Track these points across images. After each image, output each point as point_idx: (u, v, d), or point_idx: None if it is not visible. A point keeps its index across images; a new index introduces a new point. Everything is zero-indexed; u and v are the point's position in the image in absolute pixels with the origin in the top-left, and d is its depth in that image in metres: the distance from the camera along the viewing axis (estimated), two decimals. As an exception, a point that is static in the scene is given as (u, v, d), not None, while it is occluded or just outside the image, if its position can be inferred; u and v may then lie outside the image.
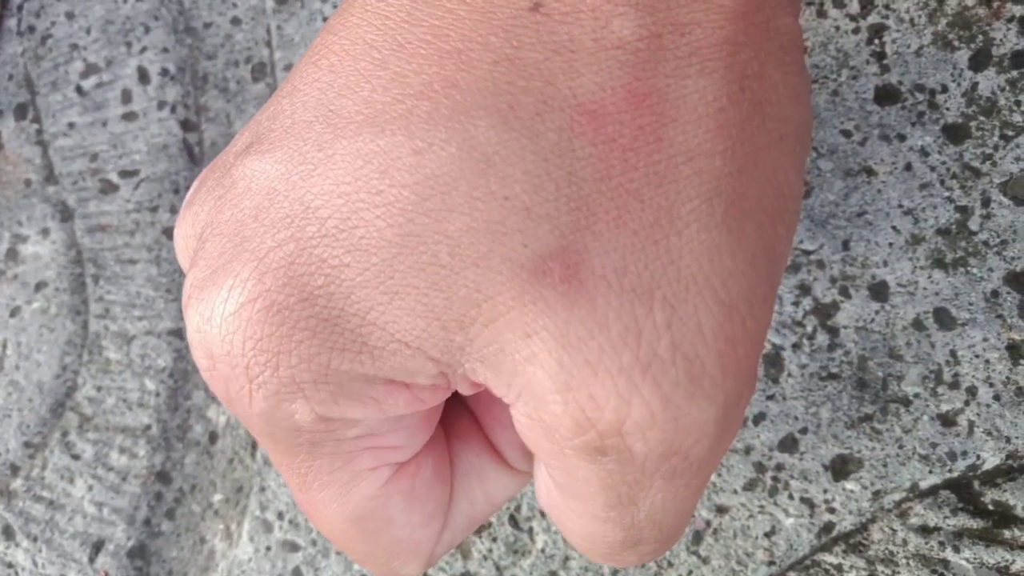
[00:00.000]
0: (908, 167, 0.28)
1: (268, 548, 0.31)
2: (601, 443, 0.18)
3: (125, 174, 0.36)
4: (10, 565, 0.34)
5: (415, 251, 0.17)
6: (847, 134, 0.28)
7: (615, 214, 0.17)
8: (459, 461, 0.24)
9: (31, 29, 0.39)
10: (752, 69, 0.18)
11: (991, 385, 0.26)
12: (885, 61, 0.28)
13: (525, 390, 0.18)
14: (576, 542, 0.22)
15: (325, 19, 0.35)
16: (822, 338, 0.28)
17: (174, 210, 0.35)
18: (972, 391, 0.27)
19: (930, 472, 0.26)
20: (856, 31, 0.29)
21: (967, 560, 0.26)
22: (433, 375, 0.19)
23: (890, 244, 0.28)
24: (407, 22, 0.18)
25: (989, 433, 0.26)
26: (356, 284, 0.18)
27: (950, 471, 0.26)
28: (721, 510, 0.28)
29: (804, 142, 0.20)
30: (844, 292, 0.28)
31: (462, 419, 0.24)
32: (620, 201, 0.17)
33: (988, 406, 0.26)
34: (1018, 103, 0.27)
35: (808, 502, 0.27)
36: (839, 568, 0.26)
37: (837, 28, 0.29)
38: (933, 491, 0.26)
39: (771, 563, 0.27)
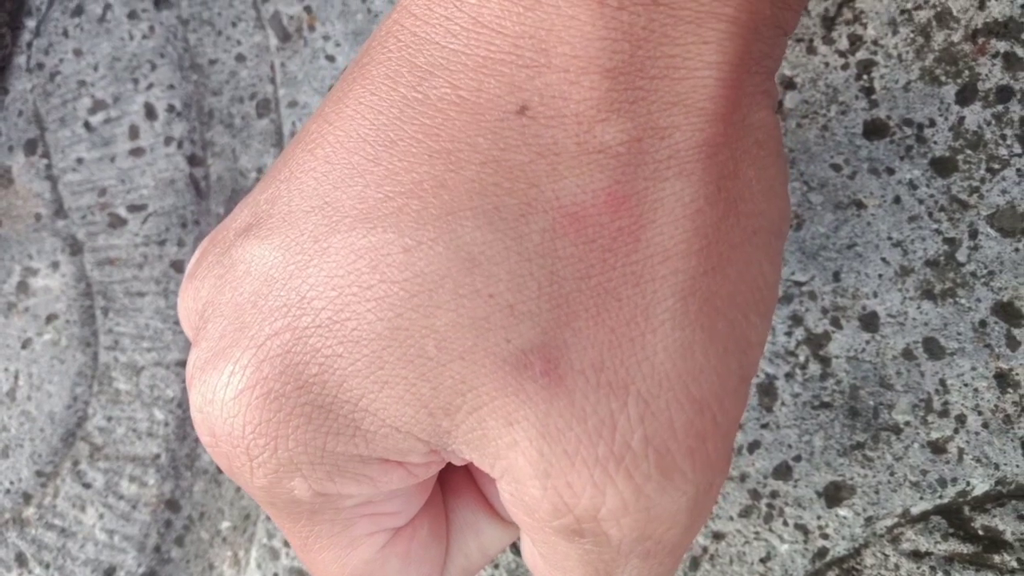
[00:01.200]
0: (897, 200, 0.28)
1: (275, 575, 0.32)
2: (578, 527, 0.19)
3: (133, 208, 0.37)
4: (23, 593, 0.34)
5: (404, 344, 0.18)
6: (837, 168, 0.29)
7: (594, 312, 0.18)
8: (455, 517, 0.25)
9: (40, 66, 0.40)
10: (728, 169, 0.19)
11: (980, 413, 0.27)
12: (874, 96, 0.29)
13: (507, 472, 0.19)
14: None
15: (328, 57, 0.36)
16: (814, 368, 0.28)
17: (182, 244, 0.36)
18: (961, 419, 0.27)
19: (921, 498, 0.27)
20: (845, 67, 0.30)
21: (958, 585, 0.26)
22: (424, 453, 0.20)
23: (880, 275, 0.28)
24: (399, 119, 0.19)
25: (978, 460, 0.27)
26: (348, 373, 0.18)
27: (940, 497, 0.27)
28: (717, 536, 0.28)
29: (780, 233, 0.21)
30: (835, 323, 0.28)
31: (456, 475, 0.25)
32: (599, 300, 0.18)
33: (977, 434, 0.27)
34: (1003, 137, 0.28)
35: (802, 528, 0.28)
36: (833, 593, 0.27)
37: (826, 64, 0.30)
38: (924, 517, 0.27)
39: (767, 588, 0.28)
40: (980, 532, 0.26)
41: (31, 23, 0.40)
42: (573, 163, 0.18)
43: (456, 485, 0.25)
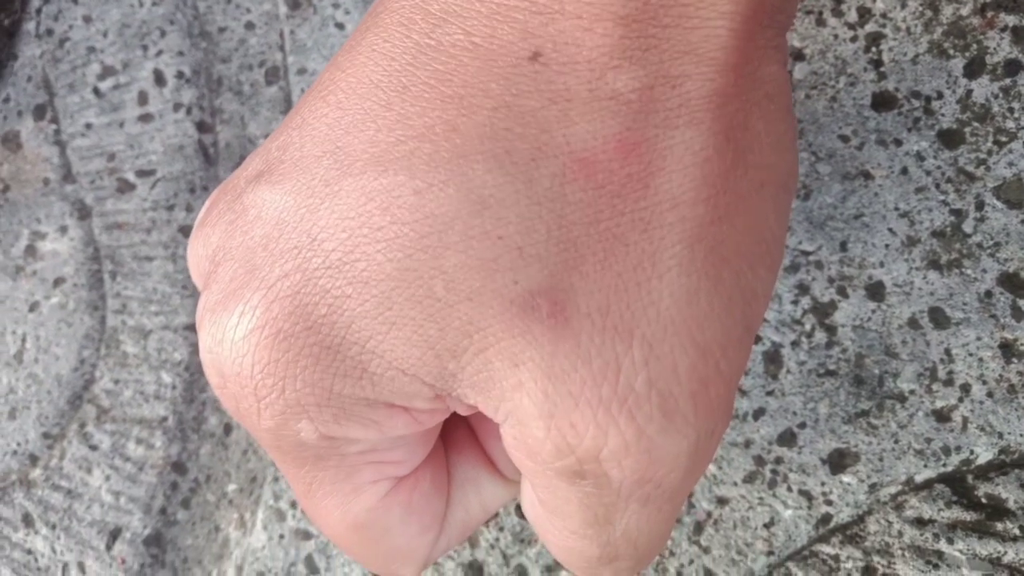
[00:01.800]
0: (904, 171, 0.29)
1: (281, 536, 0.32)
2: (580, 467, 0.19)
3: (142, 174, 0.37)
4: (30, 551, 0.35)
5: (412, 284, 0.18)
6: (845, 139, 0.29)
7: (601, 256, 0.18)
8: (456, 471, 0.25)
9: (49, 32, 0.40)
10: (738, 120, 0.19)
11: (984, 383, 0.27)
12: (882, 68, 0.29)
13: (512, 414, 0.19)
14: (556, 554, 0.23)
15: (337, 25, 0.36)
16: (820, 336, 0.29)
17: (190, 209, 0.36)
18: (966, 388, 0.27)
19: (925, 466, 0.27)
20: (854, 39, 0.30)
21: (960, 551, 0.26)
22: (430, 399, 0.20)
23: (886, 246, 0.28)
24: (412, 65, 0.19)
25: (982, 429, 0.27)
26: (356, 314, 0.19)
27: (944, 465, 0.27)
28: (721, 501, 0.28)
29: (787, 187, 0.21)
30: (842, 292, 0.29)
31: (459, 431, 0.25)
32: (607, 244, 0.18)
33: (981, 403, 0.27)
34: (1011, 110, 0.28)
35: (806, 494, 0.28)
36: (836, 559, 0.27)
37: (835, 36, 0.30)
38: (928, 484, 0.27)
39: (770, 553, 0.28)
40: (983, 500, 0.27)
41: (40, -11, 0.40)
42: (584, 109, 0.18)
43: (458, 441, 0.25)
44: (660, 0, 0.18)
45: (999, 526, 0.26)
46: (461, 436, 0.25)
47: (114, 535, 0.34)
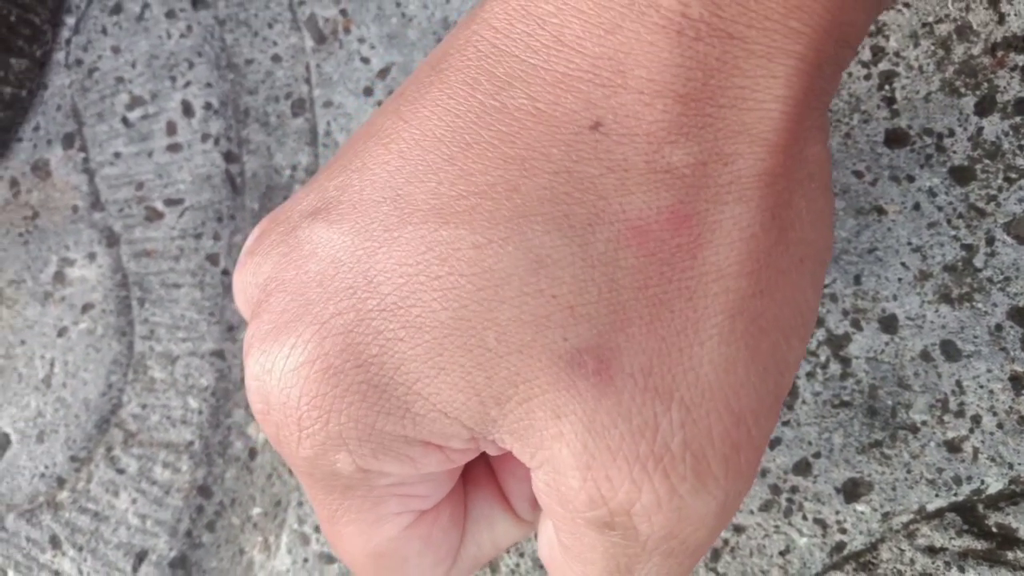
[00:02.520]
0: (917, 207, 0.29)
1: (305, 560, 0.33)
2: (611, 519, 0.20)
3: (170, 202, 0.38)
4: (57, 573, 0.35)
5: (465, 333, 0.19)
6: (859, 175, 0.30)
7: (648, 320, 0.19)
8: (472, 507, 0.26)
9: (79, 62, 0.41)
10: (783, 198, 0.20)
11: (995, 414, 0.28)
12: (895, 106, 0.30)
13: (548, 462, 0.20)
14: None
15: (363, 59, 0.36)
16: (835, 367, 0.29)
17: (217, 237, 0.37)
18: (976, 419, 0.28)
19: (936, 496, 0.28)
20: (868, 77, 0.31)
21: (971, 580, 0.27)
22: (466, 440, 0.20)
23: (899, 279, 0.29)
24: (476, 124, 0.20)
25: (993, 459, 0.28)
26: (407, 357, 0.19)
27: (955, 495, 0.28)
28: (738, 529, 0.29)
29: (823, 262, 0.22)
30: (856, 324, 0.29)
31: (478, 468, 0.26)
32: (653, 309, 0.19)
33: (992, 434, 0.28)
34: (1021, 147, 0.29)
35: (821, 523, 0.29)
36: (850, 586, 0.28)
37: (850, 74, 0.31)
38: (939, 513, 0.28)
39: (785, 580, 0.28)
40: (994, 529, 0.27)
41: (71, 20, 0.41)
42: (641, 180, 0.19)
43: (477, 478, 0.26)
44: (719, 82, 0.19)
45: (1009, 555, 0.27)
46: (480, 473, 0.26)
47: (140, 557, 0.34)
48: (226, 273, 0.37)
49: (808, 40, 0.19)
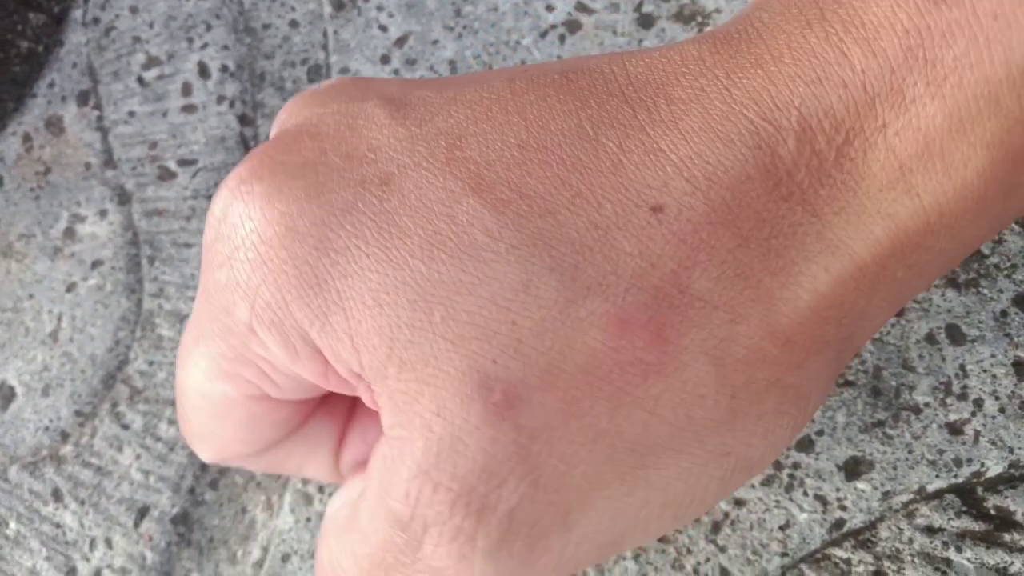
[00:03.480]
0: (928, 192, 0.30)
1: (308, 519, 0.33)
2: (408, 524, 0.20)
3: (183, 163, 0.38)
4: (58, 525, 0.35)
5: (424, 295, 0.19)
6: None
7: (568, 401, 0.19)
8: (312, 427, 0.26)
9: (96, 21, 0.41)
10: (752, 389, 0.20)
11: (997, 398, 0.28)
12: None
13: (401, 441, 0.20)
14: (322, 560, 0.24)
15: (381, 27, 0.37)
16: (841, 347, 0.30)
17: (229, 198, 0.37)
18: (979, 403, 0.28)
19: (937, 477, 0.28)
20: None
21: (968, 560, 0.27)
22: (351, 375, 0.21)
23: (908, 262, 0.29)
24: (565, 132, 0.20)
25: (993, 443, 0.28)
26: (361, 275, 0.20)
27: (955, 476, 0.28)
28: (739, 503, 0.30)
29: (749, 470, 0.22)
30: (863, 305, 0.30)
31: (344, 404, 0.27)
32: (578, 396, 0.19)
33: (993, 418, 0.28)
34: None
35: (821, 499, 0.29)
36: (848, 562, 0.28)
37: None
38: (939, 494, 0.28)
39: (784, 554, 0.29)
40: (992, 512, 0.28)
41: (88, -21, 0.42)
42: (657, 282, 0.19)
43: (336, 409, 0.27)
44: (778, 244, 0.19)
45: (1007, 537, 0.27)
46: (341, 409, 0.27)
47: (142, 513, 0.35)
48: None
49: (874, 268, 0.20)
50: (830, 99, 0.19)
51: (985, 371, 0.28)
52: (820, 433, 0.29)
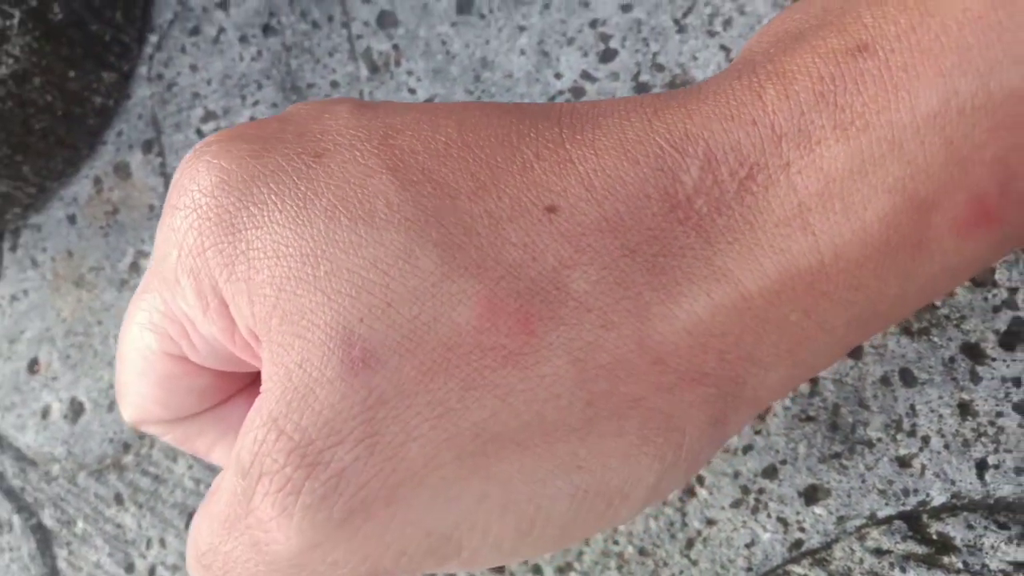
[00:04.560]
0: (886, 249, 0.33)
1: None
2: (247, 468, 0.20)
3: (234, 207, 0.42)
4: (119, 525, 0.40)
5: (319, 248, 0.19)
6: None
7: (423, 374, 0.19)
8: (225, 409, 0.26)
9: (159, 77, 0.46)
10: (601, 403, 0.20)
11: (942, 436, 0.30)
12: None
13: (264, 393, 0.20)
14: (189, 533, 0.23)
15: (410, 90, 0.41)
16: (804, 386, 0.33)
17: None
18: (926, 440, 0.31)
19: (886, 504, 0.31)
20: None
21: (911, 579, 0.30)
22: (252, 335, 0.21)
23: (866, 312, 0.33)
24: (461, 147, 0.21)
25: (937, 476, 0.30)
26: (269, 231, 0.20)
27: (903, 505, 0.30)
28: (711, 522, 0.33)
29: (594, 523, 0.21)
30: (825, 349, 0.33)
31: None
32: (433, 371, 0.19)
33: (939, 453, 0.30)
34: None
35: (783, 521, 0.32)
36: (805, 578, 0.32)
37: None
38: (888, 520, 0.31)
39: (749, 569, 0.32)
40: (934, 537, 0.30)
41: (154, 38, 0.46)
42: (536, 275, 0.19)
43: (252, 400, 0.25)
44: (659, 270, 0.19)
45: (945, 560, 0.30)
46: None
47: (193, 516, 0.39)
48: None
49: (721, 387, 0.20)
50: (738, 135, 0.19)
51: (933, 411, 0.31)
52: (784, 462, 0.33)
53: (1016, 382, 0.30)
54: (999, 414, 0.30)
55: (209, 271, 0.20)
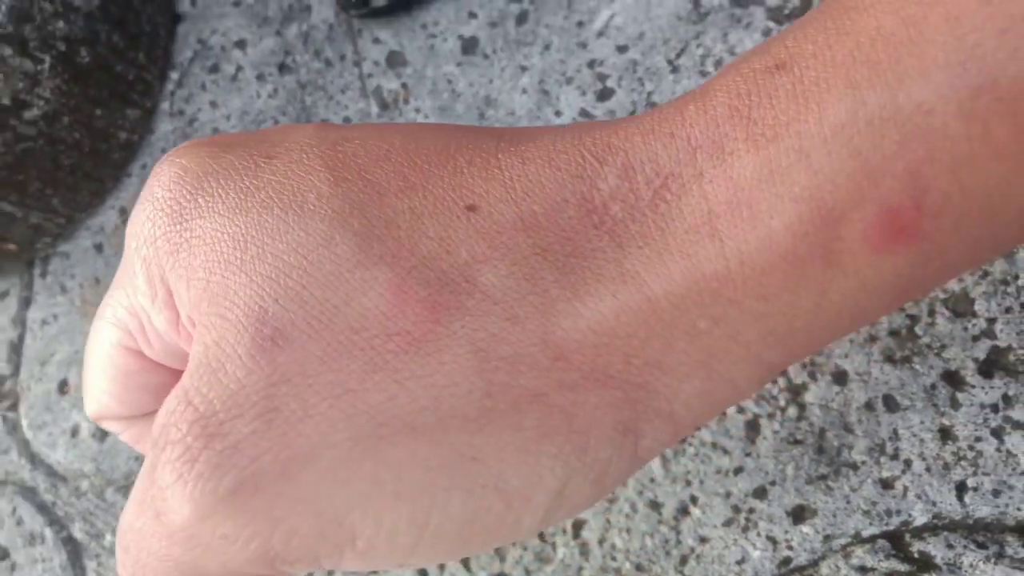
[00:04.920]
0: (870, 280, 0.34)
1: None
2: (157, 437, 0.19)
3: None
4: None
5: (248, 232, 0.20)
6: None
7: (328, 356, 0.19)
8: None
9: (181, 112, 0.48)
10: (518, 394, 0.20)
11: (924, 459, 0.32)
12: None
13: (186, 372, 0.20)
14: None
15: (418, 125, 0.43)
16: (792, 411, 0.34)
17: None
18: (908, 463, 0.32)
19: (870, 524, 0.32)
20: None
21: (894, 596, 0.32)
22: (184, 316, 0.21)
23: (851, 340, 0.34)
24: (368, 153, 0.21)
25: (919, 497, 0.32)
26: (212, 211, 0.20)
27: (887, 524, 0.32)
28: (703, 540, 0.35)
29: (503, 529, 0.21)
30: (812, 376, 0.34)
31: None
32: (339, 353, 0.19)
33: (920, 476, 0.32)
34: (962, 234, 0.33)
35: (772, 540, 0.33)
36: (793, 594, 0.33)
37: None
38: (872, 539, 0.32)
39: (740, 586, 0.34)
40: (916, 555, 0.31)
41: (175, 76, 0.49)
42: (446, 266, 0.20)
43: None
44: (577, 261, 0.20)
45: (926, 577, 0.32)
46: None
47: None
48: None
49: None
50: (656, 147, 0.19)
51: (915, 435, 0.32)
52: (773, 483, 0.34)
53: (994, 408, 0.31)
54: (978, 439, 0.31)
55: (158, 259, 0.21)
